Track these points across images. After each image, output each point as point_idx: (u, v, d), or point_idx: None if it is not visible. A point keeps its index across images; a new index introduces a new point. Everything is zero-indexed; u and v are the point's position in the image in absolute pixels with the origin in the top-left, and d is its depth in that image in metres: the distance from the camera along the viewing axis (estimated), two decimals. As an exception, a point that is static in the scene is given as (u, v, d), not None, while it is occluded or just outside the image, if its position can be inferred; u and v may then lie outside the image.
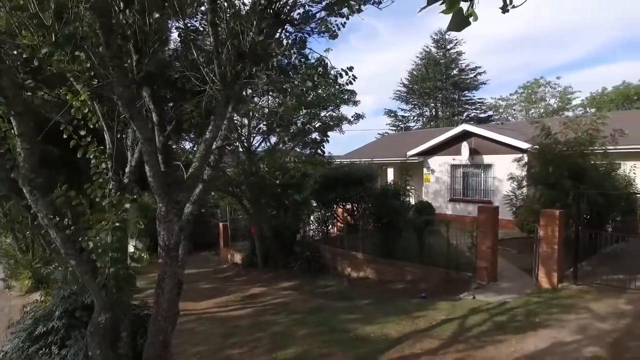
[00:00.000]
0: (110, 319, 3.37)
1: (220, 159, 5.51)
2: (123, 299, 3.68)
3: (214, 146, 5.38)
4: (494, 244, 8.84)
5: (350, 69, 6.71)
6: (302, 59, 6.99)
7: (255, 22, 3.98)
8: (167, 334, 3.61)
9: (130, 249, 4.48)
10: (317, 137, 13.21)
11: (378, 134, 36.79)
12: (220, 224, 18.44)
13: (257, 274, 14.09)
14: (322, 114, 15.43)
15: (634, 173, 11.96)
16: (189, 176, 3.69)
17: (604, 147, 9.45)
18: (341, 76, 6.69)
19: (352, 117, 15.48)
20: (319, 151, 13.18)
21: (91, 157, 3.85)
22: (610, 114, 13.20)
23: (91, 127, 4.07)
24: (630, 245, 10.99)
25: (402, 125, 40.15)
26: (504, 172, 12.80)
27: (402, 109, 41.26)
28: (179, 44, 8.22)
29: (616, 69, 64.20)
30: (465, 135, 17.19)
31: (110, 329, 3.53)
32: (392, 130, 39.57)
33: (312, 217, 15.56)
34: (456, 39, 38.47)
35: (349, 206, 14.46)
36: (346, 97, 14.42)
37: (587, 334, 5.80)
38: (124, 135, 4.85)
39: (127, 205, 3.77)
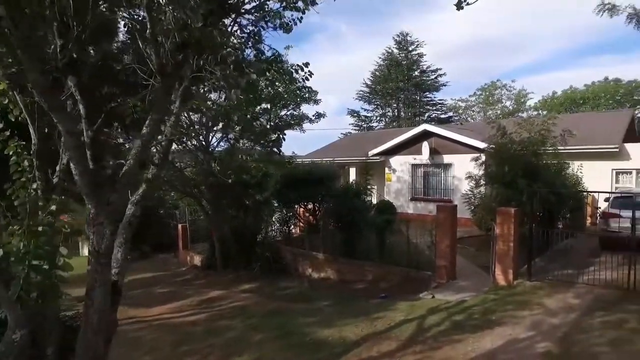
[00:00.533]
0: (27, 335, 2.98)
1: (166, 157, 5.16)
2: (47, 312, 3.29)
3: (161, 143, 5.04)
4: (452, 242, 8.90)
5: (307, 64, 6.54)
6: (259, 54, 6.74)
7: (198, 9, 3.69)
8: (98, 349, 3.26)
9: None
10: (274, 135, 12.91)
11: (341, 133, 36.93)
12: (179, 226, 17.84)
13: (216, 276, 13.65)
14: (283, 112, 15.23)
15: (581, 172, 12.48)
16: (122, 174, 3.35)
17: (554, 147, 9.75)
18: (297, 72, 6.50)
19: (313, 115, 15.33)
20: (275, 149, 12.91)
21: (11, 153, 3.43)
22: (560, 116, 13.73)
23: (12, 120, 3.64)
24: (578, 241, 11.45)
25: (365, 125, 40.48)
26: (463, 172, 13.00)
27: (365, 109, 41.66)
28: (127, 34, 7.72)
29: (564, 75, 68.11)
30: (425, 135, 17.43)
31: (32, 345, 3.14)
32: (355, 130, 39.82)
33: (273, 218, 15.30)
34: (417, 41, 39.25)
35: (310, 206, 14.31)
36: (307, 95, 14.22)
37: (540, 329, 5.87)
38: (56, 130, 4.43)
39: (54, 207, 3.39)
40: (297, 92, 13.03)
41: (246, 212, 14.95)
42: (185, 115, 10.62)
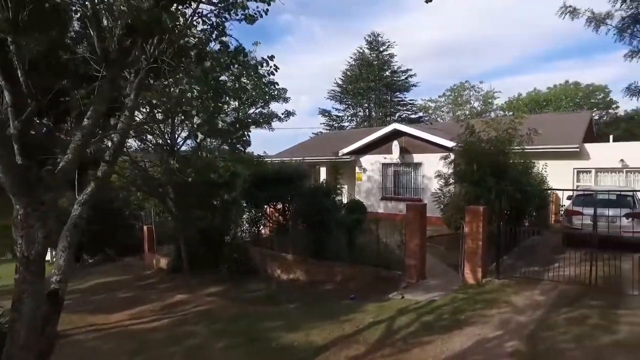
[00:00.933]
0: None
1: (117, 153, 4.79)
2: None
3: (112, 139, 4.65)
4: (422, 241, 8.84)
5: (271, 57, 6.26)
6: (223, 47, 6.42)
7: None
8: (29, 367, 2.89)
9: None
10: (239, 132, 12.56)
11: (313, 133, 36.76)
12: (145, 227, 17.18)
13: (182, 279, 13.17)
14: (251, 110, 14.89)
15: (546, 171, 12.75)
16: (58, 171, 3.00)
17: (521, 146, 9.87)
18: (262, 65, 6.23)
19: (282, 114, 15.04)
20: (241, 147, 12.59)
21: None
22: (526, 115, 14.03)
23: None
24: (543, 238, 11.70)
25: (336, 125, 40.46)
26: (433, 171, 13.04)
27: (336, 109, 41.64)
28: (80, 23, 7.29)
29: (528, 78, 70.83)
30: (395, 134, 17.45)
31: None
32: (326, 129, 39.73)
33: (242, 218, 14.91)
34: (388, 42, 39.56)
35: (280, 206, 14.02)
36: (275, 93, 13.92)
37: (508, 328, 5.84)
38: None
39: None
40: (265, 89, 12.70)
41: (214, 212, 14.53)
42: (145, 110, 10.11)
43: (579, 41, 67.81)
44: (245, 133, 13.77)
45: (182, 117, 12.95)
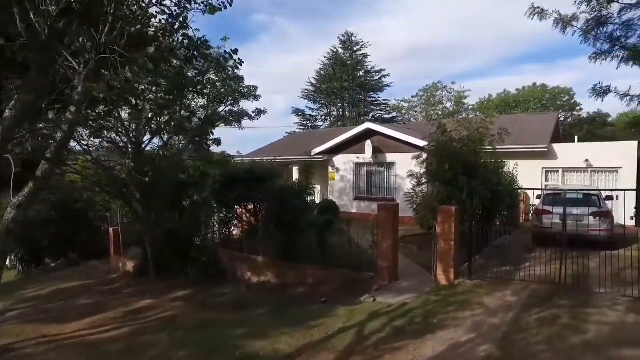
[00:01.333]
0: None
1: (61, 151, 4.35)
2: None
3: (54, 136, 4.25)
4: (394, 242, 8.67)
5: (235, 51, 5.91)
6: (185, 40, 6.04)
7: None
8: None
9: None
10: (199, 129, 12.14)
11: (286, 132, 36.38)
12: (111, 229, 16.45)
13: (148, 284, 12.60)
14: (221, 108, 14.42)
15: (517, 171, 12.87)
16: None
17: (492, 146, 9.86)
18: (226, 60, 5.88)
19: (253, 112, 14.60)
20: (205, 144, 12.18)
21: None
22: (497, 115, 14.15)
23: None
24: (514, 237, 11.78)
25: (310, 125, 40.20)
26: (406, 170, 12.96)
27: (310, 108, 41.36)
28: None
29: (499, 80, 73.05)
30: (368, 134, 17.32)
31: None
32: (300, 129, 39.41)
33: (212, 220, 14.45)
34: (362, 42, 39.60)
35: (251, 206, 13.65)
36: (245, 90, 13.52)
37: (481, 331, 5.71)
38: None
39: None
40: (234, 85, 12.29)
41: (182, 213, 14.03)
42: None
43: (545, 46, 70.47)
44: (210, 130, 13.33)
45: (150, 115, 12.45)
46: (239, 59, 5.97)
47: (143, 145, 13.24)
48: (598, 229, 9.78)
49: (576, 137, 22.42)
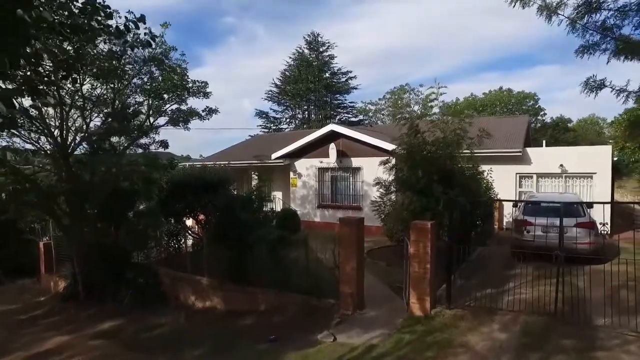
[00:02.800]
0: None
1: None
2: None
3: None
4: (359, 263, 7.25)
5: (141, 19, 4.32)
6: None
7: None
8: None
9: None
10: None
11: (249, 135, 34.55)
12: (41, 243, 14.33)
13: (75, 310, 10.71)
14: (167, 107, 12.69)
15: (492, 177, 11.80)
16: None
17: (470, 149, 8.68)
18: (128, 29, 4.27)
19: (203, 111, 12.91)
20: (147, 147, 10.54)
21: None
22: (476, 114, 13.10)
23: None
24: (490, 249, 10.66)
25: (274, 127, 38.52)
26: (373, 176, 11.71)
27: (274, 110, 39.68)
28: None
29: (465, 86, 74.28)
30: (333, 136, 15.95)
31: None
32: (263, 132, 37.68)
33: (157, 233, 12.63)
34: (328, 42, 38.41)
35: (203, 217, 11.97)
36: (190, 85, 11.85)
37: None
38: None
39: None
40: (174, 78, 10.61)
41: (118, 226, 12.17)
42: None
43: (506, 54, 72.50)
44: (152, 130, 11.64)
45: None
46: (149, 31, 4.41)
47: (71, 148, 11.34)
48: (587, 242, 8.78)
49: (544, 142, 22.04)
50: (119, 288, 10.86)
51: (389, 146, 13.13)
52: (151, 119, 12.69)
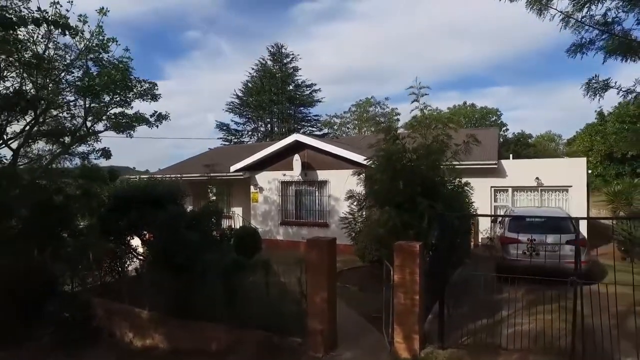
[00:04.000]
0: None
1: None
2: None
3: None
4: (331, 294, 5.95)
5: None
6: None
7: None
8: None
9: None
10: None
11: (209, 148, 32.70)
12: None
13: (-18, 353, 8.69)
14: (109, 110, 11.05)
15: (471, 190, 10.90)
16: None
17: (456, 159, 7.67)
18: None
19: (151, 116, 11.31)
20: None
21: None
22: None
23: None
24: (469, 266, 9.68)
25: (235, 140, 36.84)
26: (341, 190, 10.55)
27: (235, 122, 38.05)
28: None
29: (428, 102, 76.91)
30: (297, 147, 14.70)
31: None
32: (224, 144, 35.91)
33: (94, 255, 10.79)
34: (292, 54, 37.53)
35: (150, 236, 10.30)
36: (135, 85, 10.32)
37: None
38: None
39: None
40: (114, 74, 9.06)
41: (43, 248, 10.31)
42: None
43: (464, 74, 75.91)
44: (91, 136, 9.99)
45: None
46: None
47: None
48: (582, 261, 7.90)
49: (511, 156, 21.78)
50: (37, 325, 9.01)
51: (359, 157, 12.05)
52: (88, 124, 11.03)
